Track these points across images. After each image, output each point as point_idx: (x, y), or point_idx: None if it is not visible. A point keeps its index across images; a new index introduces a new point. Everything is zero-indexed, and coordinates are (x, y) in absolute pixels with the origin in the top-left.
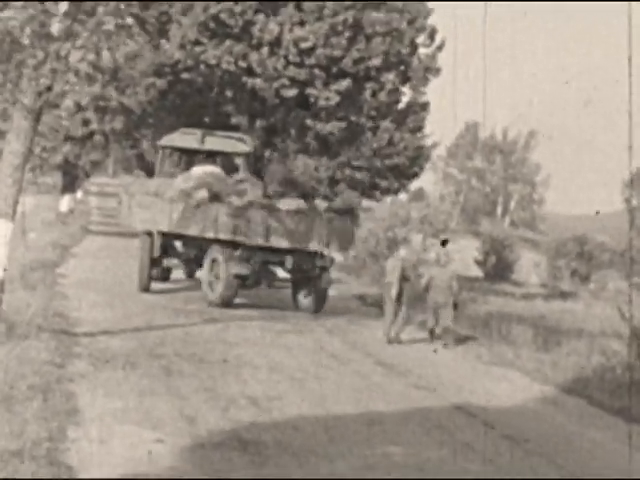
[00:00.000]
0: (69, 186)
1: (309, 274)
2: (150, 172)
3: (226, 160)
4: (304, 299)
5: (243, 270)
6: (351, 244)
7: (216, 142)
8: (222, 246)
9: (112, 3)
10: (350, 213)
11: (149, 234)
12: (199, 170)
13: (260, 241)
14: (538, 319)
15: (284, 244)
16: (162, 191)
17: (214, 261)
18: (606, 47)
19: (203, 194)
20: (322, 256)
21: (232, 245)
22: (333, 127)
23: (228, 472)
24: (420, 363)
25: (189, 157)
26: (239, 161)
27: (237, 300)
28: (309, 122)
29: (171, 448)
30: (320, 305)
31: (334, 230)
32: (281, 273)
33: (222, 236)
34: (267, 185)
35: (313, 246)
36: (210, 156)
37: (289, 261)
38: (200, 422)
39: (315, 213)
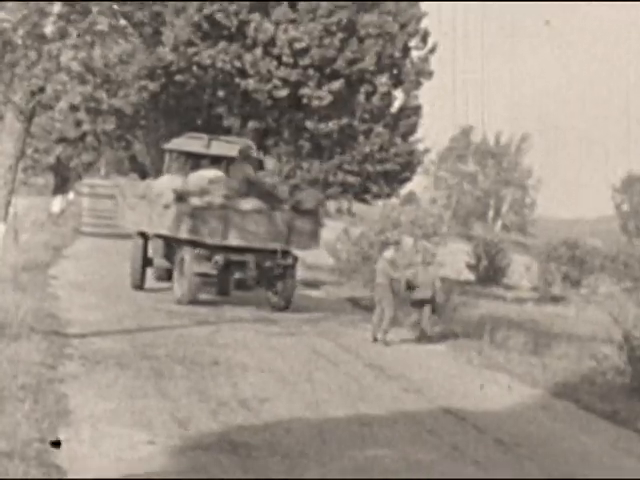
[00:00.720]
0: (61, 187)
1: (273, 272)
2: (142, 173)
3: (231, 164)
4: (273, 296)
5: (204, 269)
6: (313, 243)
7: (221, 147)
8: (188, 246)
9: (105, 4)
10: (312, 213)
11: (141, 234)
12: (196, 174)
13: (218, 240)
14: (529, 323)
15: (244, 243)
16: (147, 193)
17: (181, 260)
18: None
19: (169, 195)
20: (284, 255)
21: (197, 245)
22: (327, 127)
23: (218, 474)
24: (411, 366)
25: (195, 161)
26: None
27: (227, 302)
28: (302, 124)
29: (162, 449)
30: (287, 302)
31: (295, 229)
32: None
33: (182, 235)
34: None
35: (273, 245)
36: (215, 160)
37: (251, 260)
38: (191, 424)
39: (275, 213)
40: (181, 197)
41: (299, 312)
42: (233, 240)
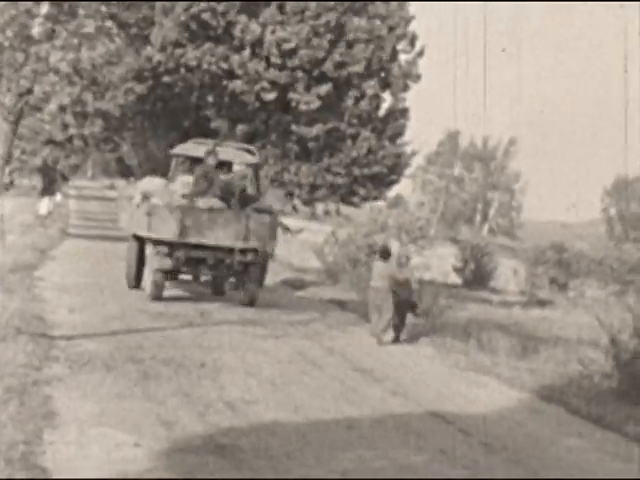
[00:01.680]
0: (48, 189)
1: (234, 269)
2: (129, 176)
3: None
4: (240, 294)
5: (165, 265)
6: (271, 241)
7: (226, 153)
8: (152, 244)
9: (93, 5)
10: (271, 212)
11: (135, 235)
12: (182, 177)
13: (176, 238)
14: (516, 326)
15: (201, 240)
16: (133, 195)
17: (147, 257)
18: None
19: (138, 196)
20: (243, 252)
21: (159, 242)
22: (315, 130)
23: (204, 475)
24: (398, 369)
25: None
26: (247, 171)
27: (215, 304)
28: (290, 126)
29: (148, 452)
30: (251, 300)
31: (253, 228)
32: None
33: (145, 233)
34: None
35: (230, 242)
36: (220, 165)
37: (210, 257)
38: (177, 426)
39: (233, 212)
40: (146, 197)
41: (286, 314)
42: (191, 237)
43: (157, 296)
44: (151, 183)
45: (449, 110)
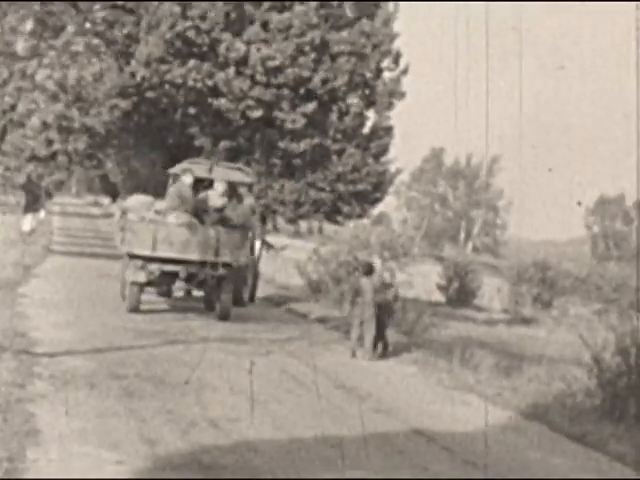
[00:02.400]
0: (32, 206)
1: (207, 283)
2: (114, 192)
3: (230, 189)
4: (216, 307)
5: (139, 278)
6: (241, 256)
7: (223, 172)
8: (128, 258)
9: (78, 21)
10: (242, 228)
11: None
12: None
13: (148, 252)
14: (500, 344)
15: (172, 254)
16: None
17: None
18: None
19: (118, 213)
20: (214, 266)
21: (134, 256)
22: (299, 147)
23: None
24: (381, 386)
25: (197, 185)
26: (242, 190)
27: (199, 322)
28: (274, 143)
29: (130, 469)
30: (224, 314)
31: (223, 243)
32: None
33: (121, 247)
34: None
35: (201, 257)
36: (198, 183)
37: (182, 271)
38: (160, 444)
39: (203, 227)
40: (124, 213)
41: (269, 332)
42: (162, 251)
43: (133, 308)
44: (136, 200)
45: (433, 127)
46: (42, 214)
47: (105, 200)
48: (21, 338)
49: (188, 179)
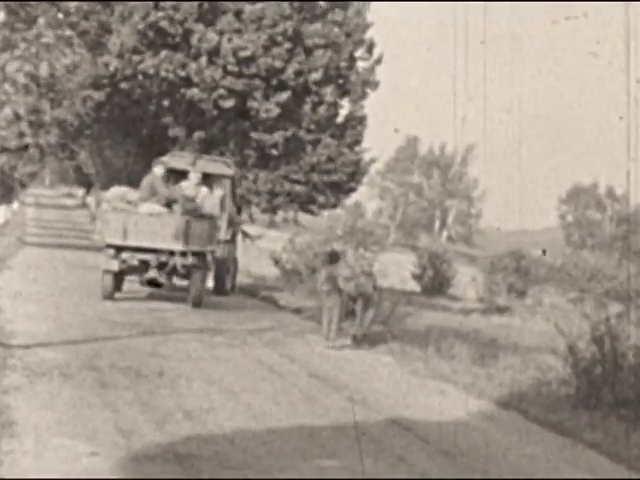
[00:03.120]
0: (5, 197)
1: (177, 272)
2: (88, 184)
3: (212, 181)
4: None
5: (111, 266)
6: (209, 244)
7: (205, 165)
8: (104, 247)
9: (51, 13)
10: (210, 218)
11: None
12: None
13: (119, 241)
14: (475, 333)
15: (141, 243)
16: None
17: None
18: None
19: (93, 203)
20: (184, 255)
21: (107, 245)
22: (276, 138)
23: None
24: (357, 376)
25: (180, 178)
26: (225, 182)
27: (174, 313)
28: (249, 133)
29: (106, 461)
30: (196, 301)
31: (191, 232)
32: None
33: (94, 237)
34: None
35: (169, 245)
36: (172, 174)
37: (153, 259)
38: (135, 435)
39: (172, 217)
40: (98, 204)
41: (244, 322)
42: (133, 240)
43: (107, 296)
44: (114, 191)
45: (408, 117)
46: (15, 205)
47: (79, 191)
48: None
49: (160, 170)
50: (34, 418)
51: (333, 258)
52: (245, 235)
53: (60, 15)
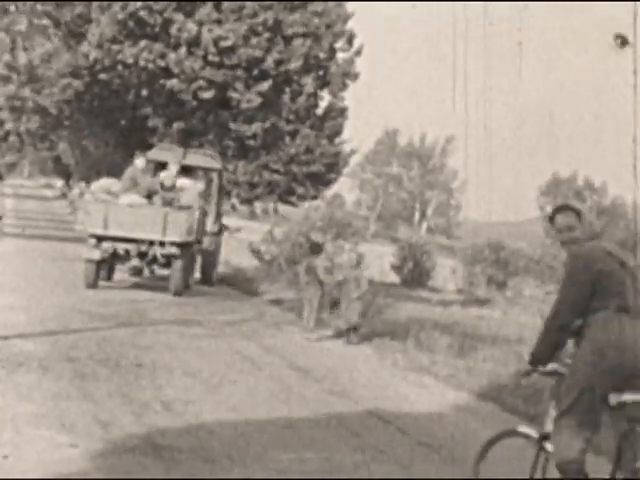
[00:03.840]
0: None
1: (158, 261)
2: (67, 175)
3: (194, 173)
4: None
5: (93, 255)
6: (188, 234)
7: (194, 159)
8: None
9: (28, 3)
10: (187, 209)
11: None
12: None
13: (100, 230)
14: (454, 325)
15: (121, 233)
16: None
17: None
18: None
19: (76, 194)
20: (162, 245)
21: (90, 235)
22: (255, 129)
23: (141, 476)
24: (336, 368)
25: (159, 169)
26: (213, 175)
27: (153, 304)
28: (228, 124)
29: (84, 452)
30: (176, 290)
31: (170, 222)
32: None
33: (76, 227)
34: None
35: (149, 235)
36: (186, 170)
37: (133, 248)
38: (114, 426)
39: (151, 207)
40: (81, 194)
41: (223, 313)
42: (113, 230)
43: (90, 285)
44: (99, 183)
45: (388, 108)
46: None
47: (58, 182)
48: None
49: (141, 162)
50: (12, 409)
51: (314, 249)
52: (224, 227)
53: (38, 6)
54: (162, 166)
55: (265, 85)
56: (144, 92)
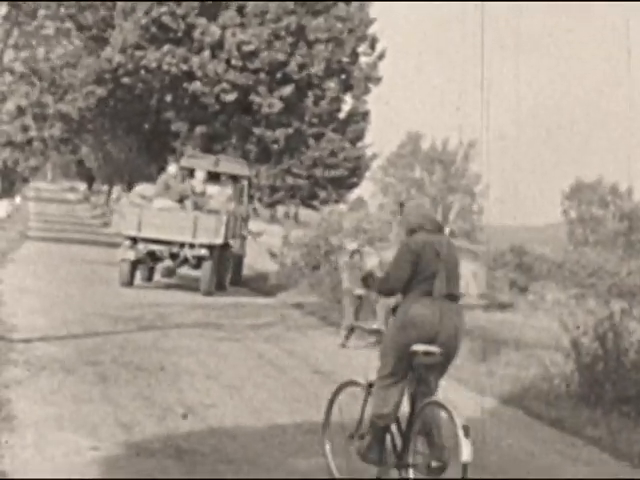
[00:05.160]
0: (7, 191)
1: (188, 262)
2: (89, 178)
3: (223, 180)
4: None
5: (128, 255)
6: (216, 237)
7: (227, 166)
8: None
9: (52, 6)
10: (216, 212)
11: None
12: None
13: (134, 232)
14: (476, 329)
15: (154, 235)
16: None
17: None
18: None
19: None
20: (192, 247)
21: (126, 237)
22: (277, 132)
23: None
24: (358, 372)
25: (189, 175)
26: (243, 182)
27: (175, 308)
28: (250, 128)
29: (106, 455)
30: (206, 290)
31: (199, 225)
32: None
33: (109, 229)
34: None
35: (180, 238)
36: (216, 177)
37: (165, 250)
38: (136, 430)
39: (182, 211)
40: (118, 199)
41: (245, 317)
42: (147, 233)
43: (125, 283)
44: (139, 189)
45: (410, 112)
46: (18, 200)
47: (81, 186)
48: None
49: (173, 169)
50: (35, 412)
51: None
52: (249, 232)
53: (63, 10)
54: (191, 173)
55: (288, 89)
56: (167, 96)
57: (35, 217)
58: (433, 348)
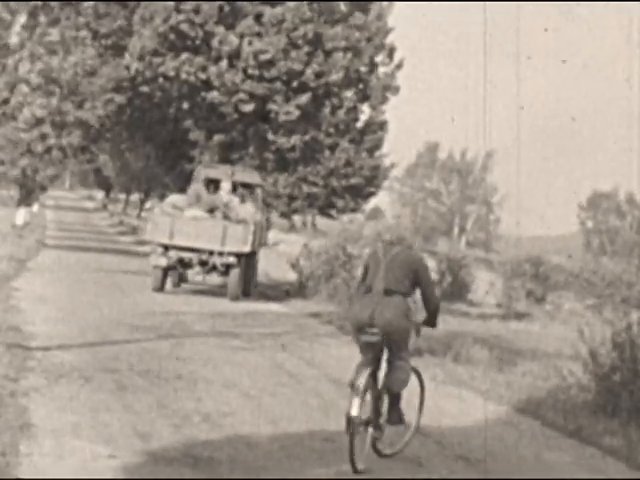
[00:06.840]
0: (25, 199)
1: (216, 269)
2: (107, 186)
3: (244, 190)
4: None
5: (159, 262)
6: (244, 245)
7: (241, 175)
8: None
9: (72, 15)
10: (244, 222)
11: None
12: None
13: (166, 240)
14: (493, 339)
15: (185, 243)
16: None
17: None
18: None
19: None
20: (221, 254)
21: (158, 245)
22: (295, 141)
23: None
24: None
25: (216, 185)
26: (257, 190)
27: (192, 316)
28: (268, 137)
29: (123, 463)
30: (232, 296)
31: (228, 234)
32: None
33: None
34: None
35: (209, 246)
36: (235, 186)
37: (195, 257)
38: (153, 438)
39: (212, 220)
40: (151, 208)
41: (262, 326)
42: (178, 240)
43: (157, 288)
44: (169, 199)
45: (428, 122)
46: (35, 208)
47: (98, 194)
48: (14, 332)
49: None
50: (52, 420)
51: None
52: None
53: (81, 19)
54: (212, 182)
55: (304, 98)
56: (185, 105)
57: (53, 225)
58: (371, 330)
